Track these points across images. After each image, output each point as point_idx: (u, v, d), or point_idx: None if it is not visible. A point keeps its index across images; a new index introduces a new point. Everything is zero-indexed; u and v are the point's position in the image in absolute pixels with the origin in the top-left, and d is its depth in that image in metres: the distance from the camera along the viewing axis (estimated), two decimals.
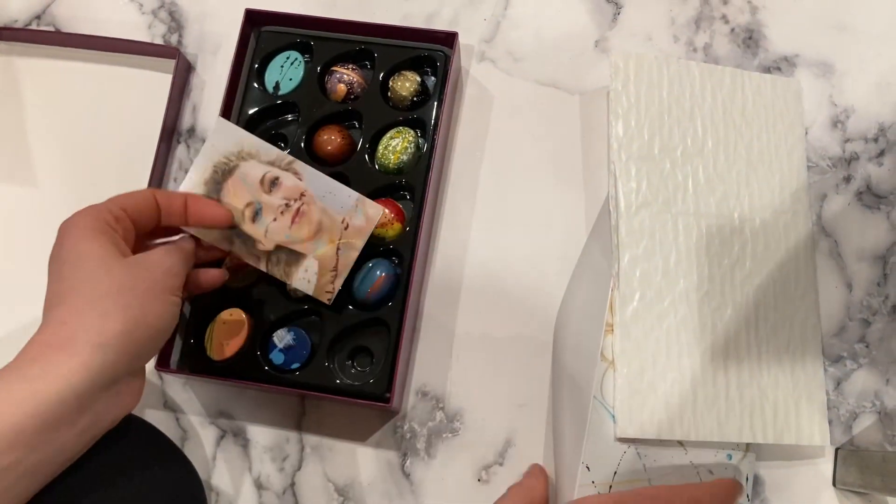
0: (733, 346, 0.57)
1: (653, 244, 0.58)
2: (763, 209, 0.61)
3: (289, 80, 0.65)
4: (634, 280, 0.57)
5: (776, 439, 0.56)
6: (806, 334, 0.59)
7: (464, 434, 0.61)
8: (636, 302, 0.57)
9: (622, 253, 0.58)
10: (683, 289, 0.58)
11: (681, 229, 0.59)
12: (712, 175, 0.61)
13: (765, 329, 0.58)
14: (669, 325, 0.57)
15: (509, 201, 0.66)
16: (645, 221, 0.59)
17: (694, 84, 0.63)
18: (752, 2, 0.70)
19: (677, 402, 0.55)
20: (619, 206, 0.59)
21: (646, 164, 0.60)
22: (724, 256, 0.59)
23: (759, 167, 0.62)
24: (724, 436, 0.55)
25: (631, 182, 0.60)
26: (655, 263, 0.58)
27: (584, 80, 0.69)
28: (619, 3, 0.71)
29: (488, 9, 0.71)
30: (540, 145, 0.67)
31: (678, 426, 0.54)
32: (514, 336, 0.62)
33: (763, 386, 0.57)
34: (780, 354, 0.58)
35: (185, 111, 0.70)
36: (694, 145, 0.62)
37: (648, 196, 0.60)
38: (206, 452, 0.61)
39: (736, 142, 0.62)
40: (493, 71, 0.70)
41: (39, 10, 0.73)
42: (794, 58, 0.69)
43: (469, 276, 0.64)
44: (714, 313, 0.58)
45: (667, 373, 0.56)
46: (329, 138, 0.63)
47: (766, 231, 0.61)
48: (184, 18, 0.72)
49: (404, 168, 0.62)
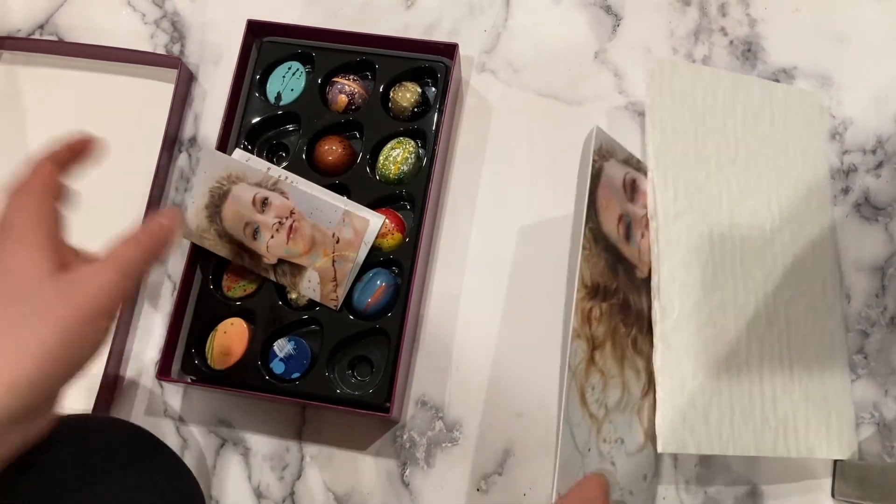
0: (767, 360, 0.57)
1: (690, 255, 0.57)
2: (791, 221, 0.61)
3: (290, 90, 0.66)
4: (674, 291, 0.56)
5: (808, 453, 0.55)
6: (833, 347, 0.59)
7: (463, 443, 0.61)
8: (676, 313, 0.55)
9: (661, 263, 0.56)
10: (720, 301, 0.57)
11: (716, 240, 0.58)
12: (744, 186, 0.61)
13: (796, 342, 0.58)
14: (707, 337, 0.56)
15: (509, 211, 0.66)
16: (682, 231, 0.58)
17: (726, 93, 0.63)
18: (750, 14, 0.71)
19: (716, 417, 0.54)
20: (657, 215, 0.57)
21: (682, 173, 0.59)
22: (757, 268, 0.58)
23: (785, 179, 0.62)
24: (759, 450, 0.54)
25: (668, 191, 0.58)
26: (693, 275, 0.57)
27: (583, 91, 0.69)
28: (618, 14, 0.71)
29: (488, 20, 0.72)
30: (539, 155, 0.67)
31: (717, 441, 0.54)
32: (514, 345, 0.63)
33: (795, 399, 0.56)
34: (811, 367, 0.57)
35: (187, 120, 0.70)
36: (727, 155, 0.61)
37: (685, 205, 0.58)
38: (206, 461, 0.61)
39: (765, 153, 0.62)
40: (493, 81, 0.70)
41: (42, 19, 0.73)
42: (792, 70, 0.69)
43: (468, 286, 0.64)
44: (749, 326, 0.57)
45: (706, 387, 0.54)
46: (330, 149, 0.63)
47: (794, 243, 0.60)
48: (186, 28, 0.73)
49: (405, 178, 0.63)
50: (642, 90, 0.68)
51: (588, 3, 0.72)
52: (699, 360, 0.55)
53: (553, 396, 0.61)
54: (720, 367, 0.55)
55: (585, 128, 0.68)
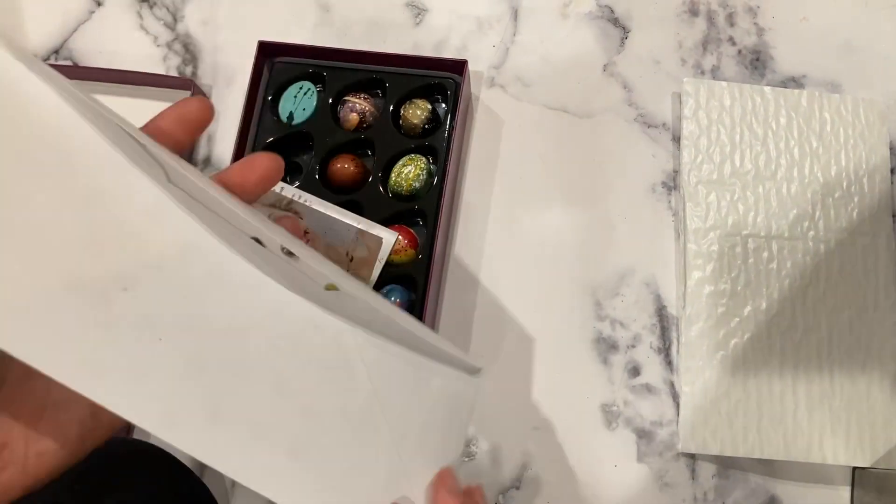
0: (803, 368, 0.58)
1: (721, 266, 0.60)
2: (840, 231, 0.61)
3: (302, 109, 0.66)
4: (701, 301, 0.59)
5: (847, 461, 0.57)
6: (884, 358, 0.59)
7: (480, 458, 0.61)
8: (702, 322, 0.58)
9: (689, 274, 0.59)
10: (752, 310, 0.59)
11: (751, 251, 0.60)
12: (785, 197, 0.62)
13: (838, 351, 0.59)
14: (736, 345, 0.58)
15: (521, 225, 0.66)
16: (713, 244, 0.60)
17: (767, 108, 0.64)
18: (758, 23, 0.71)
19: (742, 422, 0.57)
20: (688, 228, 0.61)
21: (715, 188, 0.62)
22: (797, 278, 0.60)
23: (836, 189, 0.63)
24: (790, 455, 0.56)
25: (700, 205, 0.61)
26: (723, 285, 0.59)
27: (592, 104, 0.69)
28: (626, 27, 0.72)
29: (497, 36, 0.72)
30: (550, 169, 0.68)
31: (742, 444, 0.56)
32: (528, 358, 0.63)
33: (835, 408, 0.57)
34: (855, 376, 0.58)
35: (201, 141, 0.71)
36: (766, 168, 0.63)
37: (718, 219, 0.61)
38: (225, 481, 0.62)
39: (811, 164, 0.63)
40: (503, 96, 0.70)
41: (57, 44, 0.74)
42: (801, 78, 0.69)
43: (482, 300, 0.65)
44: (784, 335, 0.59)
45: (731, 392, 0.57)
46: (342, 167, 0.64)
47: (842, 253, 0.61)
48: (198, 50, 0.74)
49: (417, 194, 0.63)
50: (652, 102, 0.69)
51: (596, 16, 0.72)
52: (725, 366, 0.58)
53: (569, 410, 0.61)
54: (748, 373, 0.57)
55: (596, 140, 0.69)
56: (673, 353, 0.62)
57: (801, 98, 0.65)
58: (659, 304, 0.63)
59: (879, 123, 0.65)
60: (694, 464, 0.60)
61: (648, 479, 0.60)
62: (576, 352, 0.63)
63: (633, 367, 0.62)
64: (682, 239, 0.61)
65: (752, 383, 0.57)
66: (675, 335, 0.62)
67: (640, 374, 0.62)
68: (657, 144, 0.68)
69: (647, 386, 0.62)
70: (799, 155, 0.63)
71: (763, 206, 0.62)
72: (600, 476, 0.60)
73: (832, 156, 0.64)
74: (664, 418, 0.61)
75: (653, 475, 0.60)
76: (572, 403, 0.62)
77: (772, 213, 0.61)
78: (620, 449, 0.61)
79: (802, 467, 0.59)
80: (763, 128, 0.64)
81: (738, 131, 0.64)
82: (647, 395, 0.61)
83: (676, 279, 0.63)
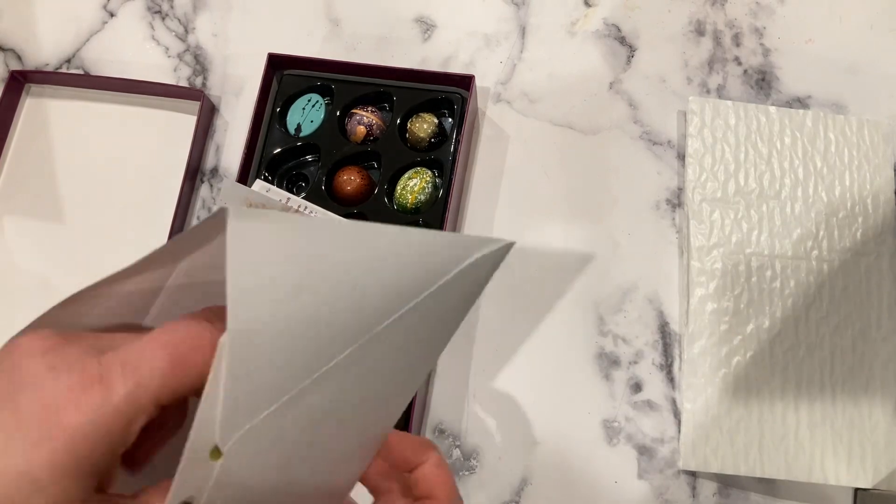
0: (805, 387, 0.58)
1: (724, 284, 0.60)
2: (843, 251, 0.62)
3: (310, 121, 0.67)
4: (704, 318, 0.59)
5: (849, 482, 0.56)
6: (887, 378, 0.59)
7: (480, 472, 0.61)
8: (704, 339, 0.59)
9: (692, 291, 0.60)
10: (754, 328, 0.59)
11: (754, 270, 0.60)
12: (789, 217, 0.62)
13: (841, 370, 0.59)
14: (738, 363, 0.58)
15: (525, 240, 0.67)
16: (717, 261, 0.61)
17: (772, 127, 0.65)
18: (764, 44, 0.72)
19: (743, 440, 0.57)
20: (691, 245, 0.61)
21: (719, 206, 0.62)
22: (800, 297, 0.60)
23: (840, 209, 0.63)
24: (791, 474, 0.56)
25: (704, 223, 0.62)
26: (726, 303, 0.59)
27: (598, 121, 0.70)
28: (632, 45, 0.72)
29: (504, 52, 0.73)
30: (555, 185, 0.68)
31: (743, 462, 0.56)
32: (531, 373, 0.63)
33: (837, 428, 0.57)
34: (858, 396, 0.58)
35: (209, 151, 0.72)
36: (771, 188, 0.63)
37: (721, 237, 0.61)
38: None
39: (815, 184, 0.63)
40: (509, 112, 0.71)
41: (69, 53, 0.75)
42: (806, 99, 0.70)
43: (485, 315, 0.65)
44: (786, 353, 0.59)
45: (733, 410, 0.57)
46: (349, 179, 0.64)
47: (845, 272, 0.61)
48: (208, 62, 0.74)
49: (422, 207, 0.64)
50: (657, 120, 0.69)
51: (603, 34, 0.73)
52: (727, 384, 0.58)
53: (570, 426, 0.61)
54: (749, 392, 0.57)
55: (601, 157, 0.69)
56: (675, 370, 0.62)
57: (806, 118, 0.65)
58: (662, 321, 0.63)
59: (884, 144, 0.65)
60: (695, 481, 0.59)
61: (649, 496, 0.60)
62: (578, 367, 0.63)
63: (635, 384, 0.62)
64: (685, 256, 0.61)
65: (754, 402, 0.57)
66: (677, 352, 0.62)
67: (642, 390, 0.62)
68: (662, 162, 0.68)
69: (649, 402, 0.62)
70: (803, 175, 0.64)
71: (767, 225, 0.62)
72: (600, 492, 0.60)
73: (836, 176, 0.64)
74: (665, 435, 0.61)
75: (653, 492, 0.60)
76: (573, 419, 0.62)
77: (775, 232, 0.62)
78: (621, 465, 0.60)
79: (803, 487, 0.59)
80: (768, 147, 0.64)
81: (742, 150, 0.64)
82: (649, 411, 0.61)
83: (679, 296, 0.63)
